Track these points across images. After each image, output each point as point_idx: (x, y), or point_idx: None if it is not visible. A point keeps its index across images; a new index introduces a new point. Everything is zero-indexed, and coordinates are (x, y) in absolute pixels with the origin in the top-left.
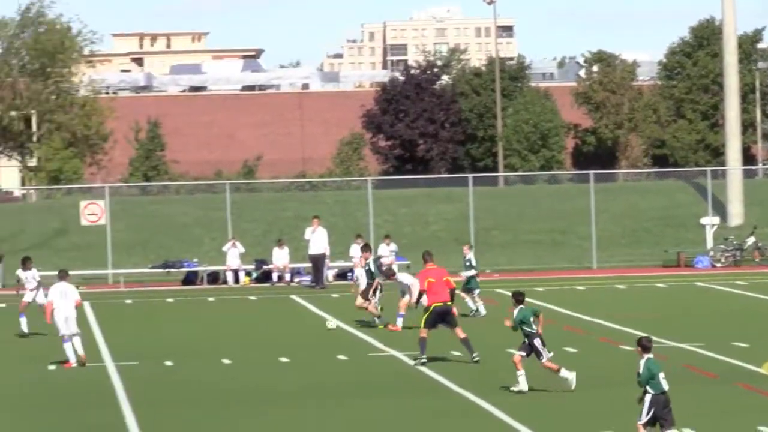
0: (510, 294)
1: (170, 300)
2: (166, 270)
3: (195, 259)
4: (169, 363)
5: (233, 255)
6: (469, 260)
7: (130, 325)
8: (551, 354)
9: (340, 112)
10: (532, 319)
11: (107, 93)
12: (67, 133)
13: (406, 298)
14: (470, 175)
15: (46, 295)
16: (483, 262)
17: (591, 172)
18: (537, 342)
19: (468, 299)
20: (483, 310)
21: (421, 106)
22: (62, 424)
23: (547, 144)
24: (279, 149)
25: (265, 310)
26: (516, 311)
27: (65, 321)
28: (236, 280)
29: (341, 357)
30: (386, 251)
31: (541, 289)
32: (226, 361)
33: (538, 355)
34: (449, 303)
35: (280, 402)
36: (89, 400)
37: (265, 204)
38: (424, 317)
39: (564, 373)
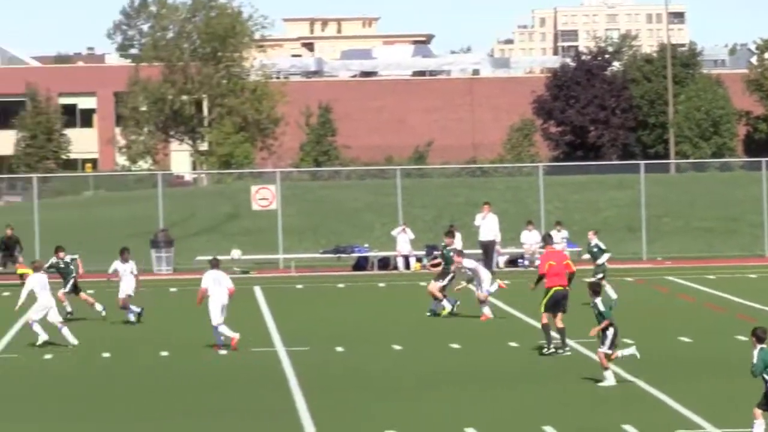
0: (588, 284)
1: (341, 285)
2: (337, 255)
3: (366, 245)
4: (339, 349)
5: (403, 240)
6: (597, 245)
7: (301, 310)
8: (610, 351)
9: (510, 98)
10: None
11: (278, 78)
12: (238, 118)
13: (480, 288)
14: (642, 162)
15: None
16: (654, 249)
17: (763, 159)
18: (610, 332)
19: (608, 287)
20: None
21: (592, 92)
22: (234, 407)
23: (719, 131)
24: (449, 135)
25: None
26: (599, 302)
27: (220, 309)
28: (407, 266)
29: (512, 344)
30: (558, 238)
31: (712, 276)
32: (397, 347)
33: (602, 341)
34: (568, 288)
35: (448, 388)
36: (260, 385)
37: (435, 189)
38: (544, 301)
39: (607, 374)
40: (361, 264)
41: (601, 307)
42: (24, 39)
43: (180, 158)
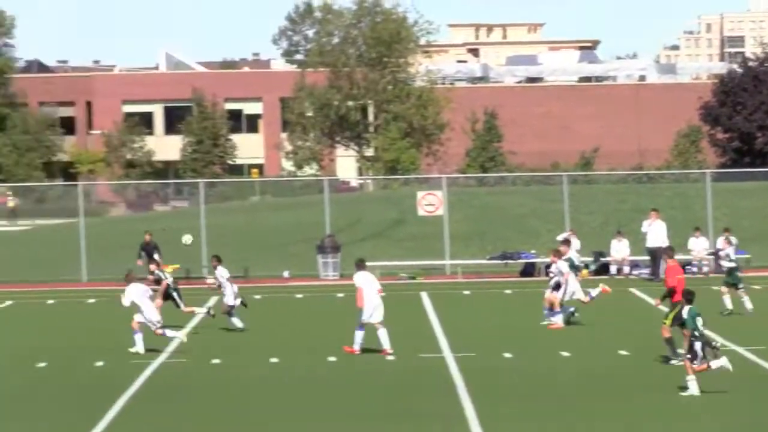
0: (682, 292)
1: (508, 291)
2: (504, 261)
3: (532, 251)
4: (507, 355)
5: (570, 246)
6: (728, 255)
7: (468, 316)
8: (703, 363)
9: (677, 104)
10: (699, 321)
11: (443, 83)
12: (404, 123)
13: (559, 293)
14: None
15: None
16: None
17: None
18: (698, 345)
19: (726, 296)
20: (749, 305)
21: (759, 98)
22: (403, 412)
23: None
24: (615, 141)
25: (604, 303)
26: (686, 311)
27: (375, 309)
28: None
29: (680, 351)
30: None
31: None
32: (565, 354)
33: (695, 357)
34: None
35: (618, 397)
36: (427, 390)
37: (602, 196)
38: (673, 314)
39: (714, 364)
40: (528, 270)
41: (685, 315)
42: (190, 45)
43: (346, 164)
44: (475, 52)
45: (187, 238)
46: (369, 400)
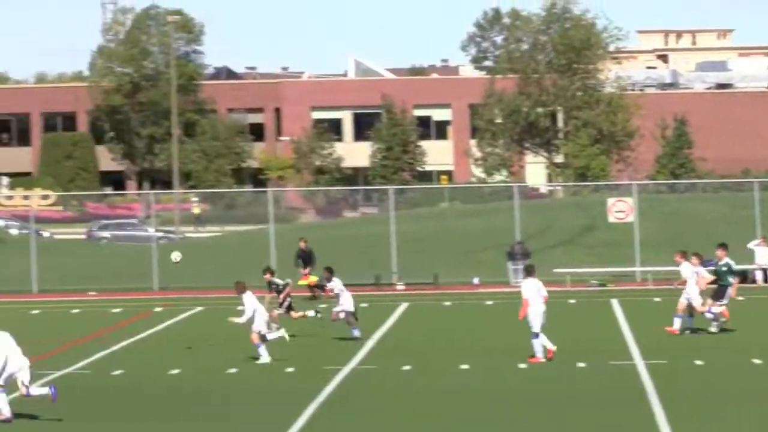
0: None
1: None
2: None
3: None
4: (698, 362)
5: (762, 253)
6: None
7: (659, 323)
8: None
9: None
10: None
11: (633, 90)
12: (593, 130)
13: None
14: None
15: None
16: None
17: None
18: None
19: None
20: None
21: None
22: (591, 417)
23: None
24: None
25: None
26: None
27: (541, 316)
28: (765, 279)
29: None
30: None
31: None
32: (757, 361)
33: None
34: None
35: None
36: (618, 395)
37: None
38: None
39: None
40: None
41: None
42: (378, 51)
43: (535, 170)
44: (664, 58)
45: (175, 255)
46: (559, 406)
